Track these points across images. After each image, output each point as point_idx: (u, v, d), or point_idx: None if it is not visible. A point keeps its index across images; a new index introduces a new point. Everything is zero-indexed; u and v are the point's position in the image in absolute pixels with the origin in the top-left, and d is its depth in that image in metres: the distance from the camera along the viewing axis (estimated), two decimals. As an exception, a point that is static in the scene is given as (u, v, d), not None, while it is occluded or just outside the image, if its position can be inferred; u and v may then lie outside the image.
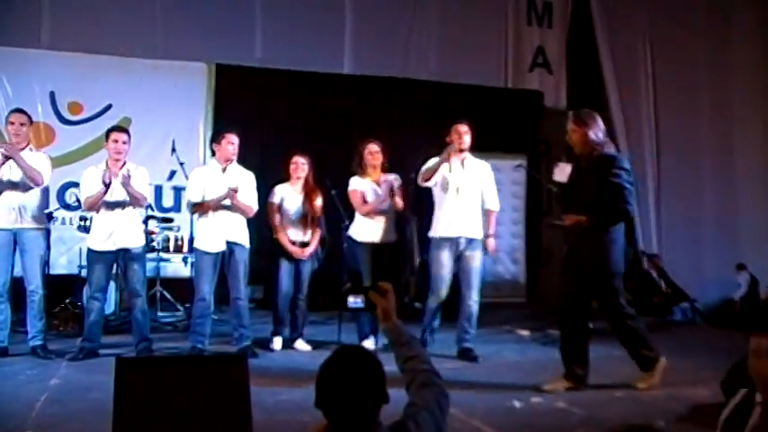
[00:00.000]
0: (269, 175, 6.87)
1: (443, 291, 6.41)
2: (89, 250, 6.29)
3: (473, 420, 4.52)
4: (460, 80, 9.99)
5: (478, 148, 6.63)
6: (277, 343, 6.69)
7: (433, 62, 10.22)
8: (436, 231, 6.47)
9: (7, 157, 5.99)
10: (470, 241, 6.41)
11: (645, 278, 9.53)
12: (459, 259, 6.41)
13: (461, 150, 6.41)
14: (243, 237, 6.36)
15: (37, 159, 6.22)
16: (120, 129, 6.55)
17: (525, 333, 7.78)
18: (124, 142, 6.25)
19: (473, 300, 6.41)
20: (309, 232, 6.76)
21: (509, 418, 4.70)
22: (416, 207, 7.50)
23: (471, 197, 6.46)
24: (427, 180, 6.40)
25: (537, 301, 9.81)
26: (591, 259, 5.23)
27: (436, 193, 6.50)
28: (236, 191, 6.20)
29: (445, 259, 6.40)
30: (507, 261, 10.00)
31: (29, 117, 6.36)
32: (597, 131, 5.30)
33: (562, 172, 5.48)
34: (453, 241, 6.39)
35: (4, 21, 8.54)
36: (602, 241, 5.20)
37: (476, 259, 6.43)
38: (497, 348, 6.86)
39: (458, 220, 6.40)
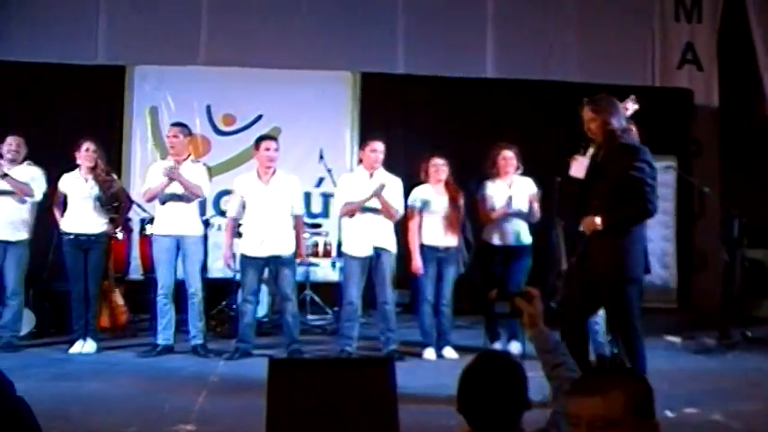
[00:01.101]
0: (415, 181, 6.87)
1: None
2: (242, 256, 6.56)
3: (621, 429, 4.42)
4: (605, 80, 9.72)
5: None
6: (428, 353, 6.60)
7: (576, 63, 10.00)
8: None
9: (172, 179, 6.42)
10: None
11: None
12: None
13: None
14: (389, 242, 6.48)
15: (197, 171, 6.61)
16: (270, 137, 6.85)
17: (676, 340, 7.49)
18: (276, 150, 6.52)
19: None
20: (454, 235, 6.69)
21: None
22: (562, 210, 7.38)
23: None
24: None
25: (689, 307, 9.43)
26: (604, 264, 4.65)
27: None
28: (382, 186, 6.33)
29: None
30: (657, 266, 9.64)
31: (187, 129, 6.77)
32: (618, 118, 4.79)
33: (580, 166, 4.88)
34: None
35: (168, 42, 9.15)
36: (619, 244, 4.64)
37: None
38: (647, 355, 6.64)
39: None
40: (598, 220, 4.62)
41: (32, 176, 6.71)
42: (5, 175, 6.55)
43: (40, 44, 8.93)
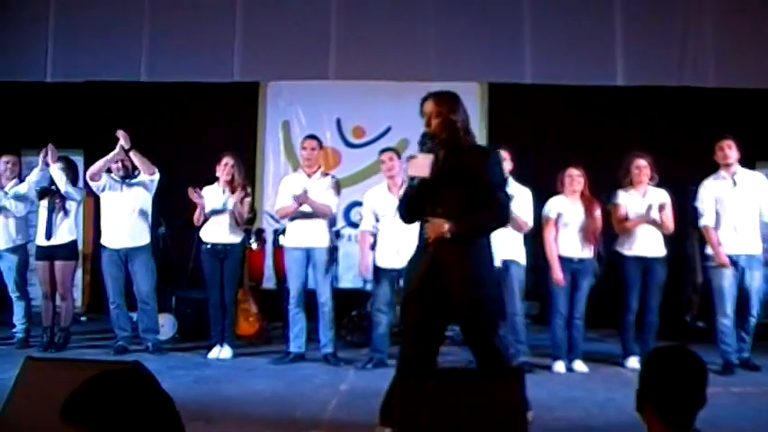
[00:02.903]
0: (545, 192, 6.76)
1: (729, 307, 6.18)
2: (375, 267, 6.64)
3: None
4: (742, 85, 9.30)
5: (763, 157, 6.24)
6: (559, 366, 6.45)
7: (711, 68, 9.57)
8: None
9: (301, 203, 6.58)
10: (750, 258, 6.18)
11: None
12: (740, 277, 6.20)
13: (728, 166, 6.13)
14: (519, 253, 6.43)
15: (326, 185, 6.77)
16: (387, 149, 6.95)
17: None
18: (390, 158, 6.63)
19: (753, 314, 6.25)
20: (589, 247, 6.53)
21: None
22: (698, 222, 7.12)
23: (748, 213, 6.20)
24: None
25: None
26: (459, 279, 4.16)
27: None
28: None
29: (727, 274, 6.18)
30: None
31: (319, 142, 6.97)
32: (464, 118, 4.43)
33: (419, 166, 4.24)
34: (732, 259, 6.17)
35: (299, 58, 9.44)
36: (473, 255, 4.20)
37: (756, 279, 6.23)
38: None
39: (735, 238, 6.17)
40: (447, 226, 4.16)
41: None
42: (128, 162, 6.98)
43: (182, 65, 9.43)
